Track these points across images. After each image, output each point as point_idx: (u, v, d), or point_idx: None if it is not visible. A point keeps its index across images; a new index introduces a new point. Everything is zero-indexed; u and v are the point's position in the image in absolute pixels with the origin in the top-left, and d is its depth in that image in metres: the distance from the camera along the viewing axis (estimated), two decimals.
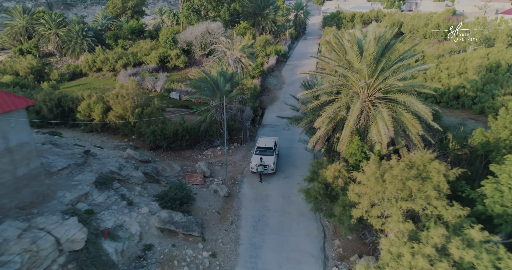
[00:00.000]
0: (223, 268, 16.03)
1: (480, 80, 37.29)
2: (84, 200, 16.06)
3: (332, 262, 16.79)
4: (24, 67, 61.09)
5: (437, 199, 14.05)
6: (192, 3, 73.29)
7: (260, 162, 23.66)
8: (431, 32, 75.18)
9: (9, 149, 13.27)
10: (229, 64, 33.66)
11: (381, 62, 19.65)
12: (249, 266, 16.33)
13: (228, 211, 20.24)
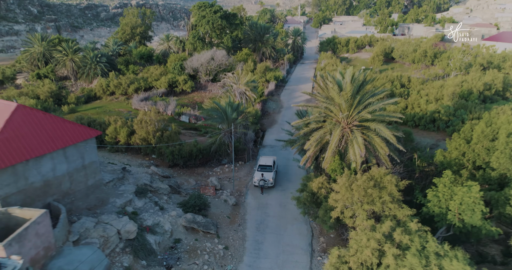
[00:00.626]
0: (234, 257, 21.29)
1: (453, 106, 43.19)
2: (129, 205, 21.47)
3: (317, 254, 22.06)
4: (45, 91, 67.12)
5: (391, 203, 19.51)
6: (197, 32, 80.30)
7: (261, 177, 29.15)
8: (419, 58, 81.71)
9: (84, 166, 18.79)
10: (236, 96, 39.67)
11: (356, 98, 25.42)
12: (254, 255, 21.59)
13: (236, 216, 25.60)
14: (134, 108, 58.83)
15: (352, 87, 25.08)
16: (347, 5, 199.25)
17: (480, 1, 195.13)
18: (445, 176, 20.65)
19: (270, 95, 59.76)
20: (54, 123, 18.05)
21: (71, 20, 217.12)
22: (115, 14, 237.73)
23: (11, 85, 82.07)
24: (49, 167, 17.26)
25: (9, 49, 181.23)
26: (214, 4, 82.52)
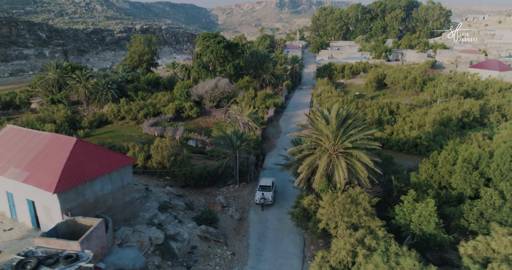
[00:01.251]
0: (240, 261, 26.31)
1: (433, 133, 48.82)
2: (154, 218, 26.66)
3: (308, 259, 27.07)
4: (61, 116, 72.87)
5: (365, 216, 24.75)
6: (202, 61, 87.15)
7: (262, 196, 34.37)
8: (410, 84, 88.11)
9: (123, 186, 24.14)
10: (240, 125, 45.41)
11: (340, 130, 31.04)
12: (256, 260, 26.60)
13: (240, 229, 30.71)
14: (144, 132, 64.50)
15: (336, 121, 30.77)
16: (344, 31, 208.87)
17: (471, 27, 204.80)
18: (409, 195, 26.00)
19: (269, 121, 65.58)
20: (102, 152, 23.53)
21: (78, 44, 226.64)
22: (120, 38, 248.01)
23: (27, 110, 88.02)
24: (99, 187, 22.57)
25: (18, 72, 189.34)
26: (217, 35, 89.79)
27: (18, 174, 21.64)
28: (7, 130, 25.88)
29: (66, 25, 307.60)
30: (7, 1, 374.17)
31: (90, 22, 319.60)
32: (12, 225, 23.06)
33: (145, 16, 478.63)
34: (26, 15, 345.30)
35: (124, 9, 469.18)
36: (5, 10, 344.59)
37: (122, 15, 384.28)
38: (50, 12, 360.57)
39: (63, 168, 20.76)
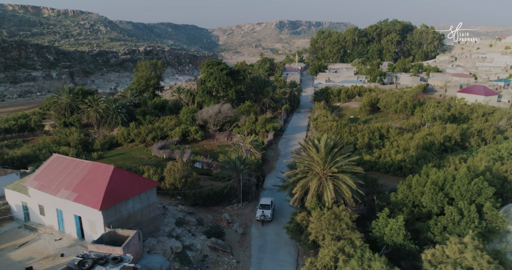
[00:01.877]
0: (244, 267, 31.73)
1: (416, 156, 54.73)
2: (173, 231, 32.25)
3: (301, 266, 32.48)
4: (75, 139, 78.95)
5: (347, 229, 30.37)
6: (206, 86, 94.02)
7: (262, 214, 39.94)
8: (401, 108, 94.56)
9: (149, 205, 29.88)
10: (243, 151, 51.47)
11: (328, 157, 36.98)
12: (257, 267, 32.02)
13: (244, 241, 36.21)
14: (153, 155, 70.44)
15: (325, 150, 36.79)
16: (341, 53, 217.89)
17: (464, 50, 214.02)
18: (383, 212, 31.72)
19: (269, 144, 71.60)
20: (133, 177, 29.41)
21: (84, 66, 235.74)
22: (124, 60, 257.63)
23: (41, 132, 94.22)
24: (131, 205, 28.28)
25: (26, 94, 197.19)
26: (220, 63, 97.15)
27: (68, 195, 27.44)
28: (54, 159, 31.85)
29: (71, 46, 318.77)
30: (14, 23, 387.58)
31: (95, 43, 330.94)
32: (60, 236, 28.68)
33: (147, 37, 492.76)
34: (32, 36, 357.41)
35: (127, 30, 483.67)
36: (13, 32, 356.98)
37: (126, 36, 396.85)
38: (56, 33, 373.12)
39: (105, 190, 26.59)
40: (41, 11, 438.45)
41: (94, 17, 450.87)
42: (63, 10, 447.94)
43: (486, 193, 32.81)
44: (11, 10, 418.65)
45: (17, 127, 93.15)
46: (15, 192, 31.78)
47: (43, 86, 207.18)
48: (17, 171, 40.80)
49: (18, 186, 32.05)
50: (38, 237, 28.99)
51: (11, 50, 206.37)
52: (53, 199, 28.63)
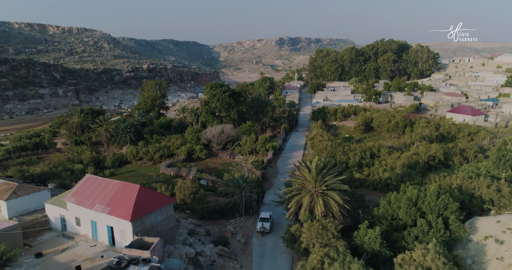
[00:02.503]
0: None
1: (401, 174, 61.00)
2: (186, 240, 38.34)
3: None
4: (87, 157, 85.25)
5: (333, 238, 36.49)
6: (209, 107, 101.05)
7: (262, 226, 46.00)
8: (393, 128, 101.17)
9: (167, 217, 36.10)
10: (245, 171, 57.89)
11: (318, 176, 43.35)
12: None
13: (246, 249, 42.24)
14: (161, 172, 76.72)
15: (315, 170, 43.24)
16: (339, 72, 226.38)
17: (458, 69, 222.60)
18: (363, 223, 37.90)
19: (269, 162, 77.92)
20: (155, 194, 35.73)
21: (89, 83, 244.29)
22: (128, 77, 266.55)
23: (53, 150, 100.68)
24: (154, 218, 34.50)
25: (33, 111, 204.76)
26: (223, 85, 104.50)
27: (103, 209, 33.72)
28: (87, 178, 38.26)
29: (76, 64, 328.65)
30: (20, 41, 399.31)
31: (99, 60, 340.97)
32: (95, 243, 34.79)
33: (149, 54, 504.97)
34: (38, 53, 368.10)
35: (129, 47, 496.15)
36: (19, 49, 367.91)
37: (129, 53, 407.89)
38: (61, 51, 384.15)
39: (134, 205, 32.89)
40: (46, 28, 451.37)
41: (97, 34, 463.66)
42: (68, 28, 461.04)
43: (451, 208, 39.07)
44: (17, 28, 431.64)
45: (31, 145, 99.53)
46: (54, 206, 38.06)
47: (50, 103, 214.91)
48: (48, 188, 47.14)
49: (57, 201, 38.33)
50: (76, 244, 35.12)
51: (20, 68, 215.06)
52: (89, 212, 34.87)
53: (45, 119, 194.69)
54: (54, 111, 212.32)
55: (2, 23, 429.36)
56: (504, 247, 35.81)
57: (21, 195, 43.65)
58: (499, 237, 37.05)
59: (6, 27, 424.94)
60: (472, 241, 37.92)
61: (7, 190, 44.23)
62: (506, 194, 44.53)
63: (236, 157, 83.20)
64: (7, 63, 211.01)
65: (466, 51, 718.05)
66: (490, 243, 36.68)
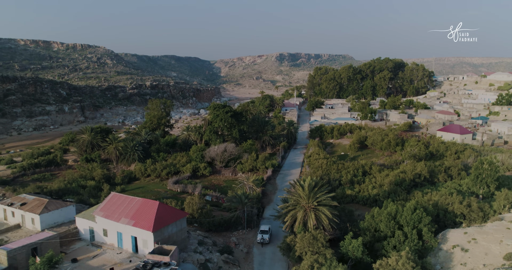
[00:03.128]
0: None
1: (388, 191, 67.74)
2: (196, 249, 44.97)
3: None
4: (99, 174, 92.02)
5: (322, 247, 43.16)
6: (213, 127, 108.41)
7: (261, 238, 52.60)
8: (386, 146, 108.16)
9: (181, 229, 42.81)
10: (246, 188, 64.80)
11: (311, 194, 50.24)
12: None
13: (248, 258, 48.78)
14: (169, 188, 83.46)
15: (308, 188, 50.18)
16: (337, 89, 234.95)
17: (452, 86, 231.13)
18: (348, 235, 44.60)
19: (268, 179, 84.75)
20: (171, 209, 42.53)
21: (93, 100, 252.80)
22: (131, 94, 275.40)
23: (65, 167, 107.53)
24: (170, 229, 41.23)
25: (40, 127, 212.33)
26: (226, 105, 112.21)
27: (128, 222, 40.52)
28: (113, 196, 45.17)
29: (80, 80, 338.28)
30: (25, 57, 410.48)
31: (103, 77, 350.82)
32: (120, 251, 41.45)
33: (151, 69, 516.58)
34: (42, 70, 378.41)
35: (132, 63, 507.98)
36: (24, 65, 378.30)
37: (132, 69, 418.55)
38: (65, 67, 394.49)
39: (154, 218, 39.71)
40: (51, 45, 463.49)
41: (101, 50, 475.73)
42: (72, 44, 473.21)
43: (425, 221, 45.84)
44: (22, 44, 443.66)
45: (45, 162, 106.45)
46: (84, 220, 44.84)
47: (56, 119, 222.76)
48: (73, 204, 53.98)
49: (86, 215, 45.14)
50: (104, 251, 41.75)
51: (28, 86, 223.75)
52: (115, 224, 41.63)
53: (52, 135, 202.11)
54: (60, 127, 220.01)
55: (8, 40, 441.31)
56: (468, 254, 42.38)
57: (52, 209, 50.51)
58: (464, 246, 43.64)
59: (12, 43, 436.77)
60: (442, 249, 44.50)
61: (39, 205, 51.13)
62: (475, 209, 51.30)
63: (238, 174, 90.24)
64: (16, 81, 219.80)
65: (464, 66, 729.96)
66: (456, 251, 43.26)
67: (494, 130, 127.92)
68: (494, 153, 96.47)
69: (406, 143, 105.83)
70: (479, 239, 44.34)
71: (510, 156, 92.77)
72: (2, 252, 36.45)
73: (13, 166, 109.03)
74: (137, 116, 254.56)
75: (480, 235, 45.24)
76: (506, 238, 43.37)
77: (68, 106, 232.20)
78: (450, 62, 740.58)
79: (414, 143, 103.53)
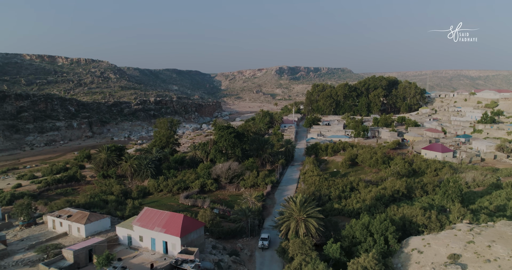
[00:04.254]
0: None
1: (369, 205, 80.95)
2: (211, 252, 58.07)
3: None
4: (117, 189, 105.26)
5: (309, 250, 56.40)
6: (218, 146, 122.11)
7: (262, 244, 65.84)
8: (374, 164, 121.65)
9: (200, 236, 56.01)
10: (250, 203, 78.18)
11: (302, 208, 63.68)
12: None
13: (251, 260, 61.92)
14: (180, 202, 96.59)
15: (299, 203, 63.67)
16: (333, 106, 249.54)
17: (443, 103, 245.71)
18: (330, 241, 57.87)
19: (268, 194, 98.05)
20: (192, 220, 55.78)
21: (100, 115, 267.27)
22: (136, 110, 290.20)
23: (84, 182, 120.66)
24: (192, 236, 54.40)
25: (51, 142, 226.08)
26: (229, 127, 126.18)
27: (160, 230, 53.80)
28: (146, 210, 58.53)
29: (86, 95, 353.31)
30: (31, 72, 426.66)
31: (107, 92, 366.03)
32: (153, 253, 54.61)
33: (153, 83, 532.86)
34: (48, 84, 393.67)
35: (134, 77, 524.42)
36: (30, 80, 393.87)
37: (135, 84, 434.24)
38: (70, 81, 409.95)
39: (181, 227, 53.01)
40: (56, 60, 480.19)
41: (104, 65, 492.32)
42: (76, 59, 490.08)
43: (390, 230, 59.16)
44: (28, 59, 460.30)
45: (66, 178, 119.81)
46: (123, 228, 58.09)
47: (66, 135, 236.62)
48: (108, 216, 67.28)
49: (125, 225, 58.40)
50: (140, 253, 54.89)
51: (39, 103, 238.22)
52: (150, 232, 54.87)
53: (63, 150, 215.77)
54: (69, 142, 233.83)
55: (14, 55, 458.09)
56: (422, 255, 55.49)
57: (93, 221, 63.91)
58: (420, 249, 56.78)
59: (18, 58, 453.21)
60: (404, 252, 57.65)
61: (83, 217, 64.52)
62: (434, 220, 64.64)
63: (241, 189, 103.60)
64: (28, 98, 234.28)
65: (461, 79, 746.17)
66: (414, 253, 56.39)
67: (475, 148, 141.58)
68: (469, 170, 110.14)
69: (392, 161, 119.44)
70: (432, 243, 57.58)
71: (482, 173, 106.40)
72: (70, 252, 49.68)
73: (37, 181, 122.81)
74: (142, 131, 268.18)
75: (434, 240, 58.49)
76: (452, 243, 56.62)
77: (77, 121, 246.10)
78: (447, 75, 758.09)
79: (399, 161, 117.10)
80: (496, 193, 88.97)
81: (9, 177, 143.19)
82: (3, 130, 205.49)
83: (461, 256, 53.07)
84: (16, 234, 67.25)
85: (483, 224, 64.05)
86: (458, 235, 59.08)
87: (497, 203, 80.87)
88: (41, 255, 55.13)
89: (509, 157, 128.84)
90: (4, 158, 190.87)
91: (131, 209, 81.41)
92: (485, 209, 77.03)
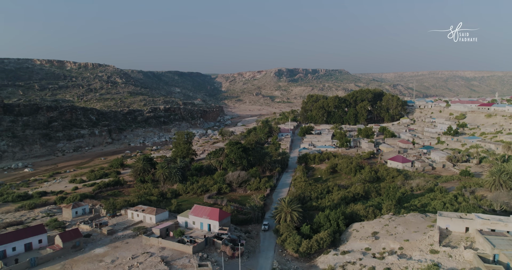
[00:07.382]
0: (257, 242, 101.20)
1: (335, 204, 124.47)
2: (234, 231, 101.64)
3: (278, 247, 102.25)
4: (156, 192, 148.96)
5: (292, 229, 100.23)
6: (229, 158, 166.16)
7: (264, 227, 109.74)
8: (349, 172, 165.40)
9: (228, 221, 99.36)
10: (255, 202, 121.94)
11: (288, 205, 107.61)
12: (262, 243, 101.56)
13: (257, 236, 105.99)
14: (204, 201, 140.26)
15: (287, 202, 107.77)
16: (325, 116, 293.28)
17: (422, 114, 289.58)
18: (304, 225, 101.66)
19: (267, 195, 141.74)
20: (223, 212, 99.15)
21: (117, 123, 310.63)
22: (148, 117, 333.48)
23: (126, 186, 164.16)
24: (224, 221, 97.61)
25: (78, 148, 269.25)
26: (238, 143, 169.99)
27: (206, 217, 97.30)
28: (196, 206, 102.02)
29: (98, 101, 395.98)
30: (42, 76, 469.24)
31: (118, 98, 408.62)
32: (202, 231, 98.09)
33: (157, 85, 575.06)
34: (59, 89, 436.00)
35: (138, 80, 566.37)
36: (43, 85, 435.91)
37: (142, 89, 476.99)
38: (80, 86, 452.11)
39: (218, 215, 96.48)
40: (64, 64, 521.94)
41: (110, 69, 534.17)
42: (84, 63, 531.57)
43: (341, 218, 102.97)
44: (38, 64, 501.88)
45: (113, 183, 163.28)
46: (182, 217, 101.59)
47: (89, 141, 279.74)
48: (167, 210, 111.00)
49: (183, 215, 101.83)
50: (194, 231, 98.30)
51: (66, 113, 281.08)
52: (199, 218, 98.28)
53: (90, 156, 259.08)
54: (93, 148, 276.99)
55: (26, 60, 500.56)
56: (358, 233, 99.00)
57: (159, 213, 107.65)
58: (358, 229, 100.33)
59: (29, 63, 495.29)
60: (348, 231, 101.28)
61: (152, 210, 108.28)
62: (370, 213, 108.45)
63: (247, 191, 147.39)
64: (57, 109, 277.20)
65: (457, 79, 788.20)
66: (353, 232, 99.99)
67: (432, 158, 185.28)
68: (417, 178, 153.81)
69: (362, 170, 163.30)
70: (365, 226, 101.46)
71: (425, 180, 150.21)
72: (157, 230, 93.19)
73: (88, 184, 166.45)
74: (154, 136, 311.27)
75: (367, 225, 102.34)
76: (376, 225, 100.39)
77: (98, 129, 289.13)
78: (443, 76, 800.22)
79: (367, 170, 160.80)
80: (427, 195, 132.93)
81: (59, 180, 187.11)
82: (39, 138, 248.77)
83: (378, 232, 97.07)
84: (107, 221, 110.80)
85: (400, 215, 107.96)
86: (381, 221, 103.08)
87: (423, 202, 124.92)
88: (135, 232, 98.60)
89: (455, 166, 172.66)
90: (44, 163, 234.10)
91: (175, 206, 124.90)
92: (413, 206, 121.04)
